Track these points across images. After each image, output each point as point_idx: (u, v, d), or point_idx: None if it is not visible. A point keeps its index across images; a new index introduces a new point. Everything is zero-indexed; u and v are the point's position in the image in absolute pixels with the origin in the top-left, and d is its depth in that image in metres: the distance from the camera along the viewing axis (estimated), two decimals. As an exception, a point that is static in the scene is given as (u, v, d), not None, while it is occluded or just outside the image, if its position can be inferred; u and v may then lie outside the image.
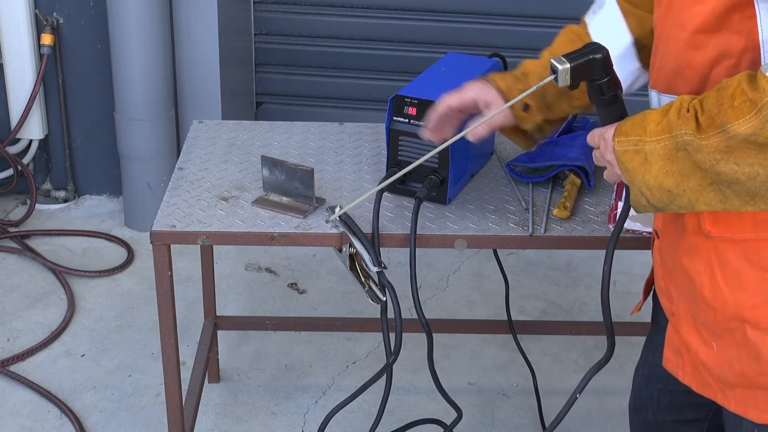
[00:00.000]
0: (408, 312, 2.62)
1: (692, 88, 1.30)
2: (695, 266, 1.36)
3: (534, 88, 1.45)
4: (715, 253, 1.32)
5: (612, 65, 1.38)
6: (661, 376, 1.47)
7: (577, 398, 1.65)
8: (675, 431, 1.71)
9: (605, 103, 1.40)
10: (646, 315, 1.79)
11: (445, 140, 1.67)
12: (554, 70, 1.38)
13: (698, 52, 1.28)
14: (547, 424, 2.56)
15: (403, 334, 1.84)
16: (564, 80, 1.38)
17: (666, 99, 1.35)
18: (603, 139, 1.35)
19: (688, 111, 1.22)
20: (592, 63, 1.36)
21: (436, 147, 1.67)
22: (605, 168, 1.39)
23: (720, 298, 1.33)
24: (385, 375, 1.89)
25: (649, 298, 1.71)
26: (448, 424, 2.13)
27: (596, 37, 1.57)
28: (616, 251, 1.57)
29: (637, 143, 1.27)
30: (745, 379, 1.35)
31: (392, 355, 1.84)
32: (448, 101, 1.67)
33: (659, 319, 1.65)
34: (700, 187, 1.23)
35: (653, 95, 1.40)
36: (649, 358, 1.72)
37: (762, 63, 1.21)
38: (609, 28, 1.58)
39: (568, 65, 1.36)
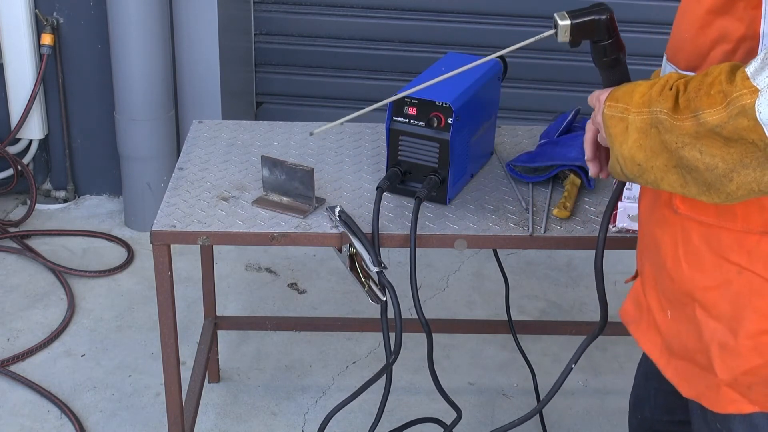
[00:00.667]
0: (408, 312, 2.62)
1: (689, 64, 1.30)
2: (663, 237, 1.38)
3: (532, 40, 1.42)
4: (682, 230, 1.34)
5: (616, 28, 1.37)
6: (658, 374, 1.48)
7: (572, 368, 1.67)
8: (669, 431, 1.71)
9: (606, 65, 1.40)
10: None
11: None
12: (555, 25, 1.36)
13: (702, 30, 1.27)
14: (547, 425, 2.56)
15: (403, 334, 1.84)
16: (564, 36, 1.36)
17: (669, 68, 1.36)
18: (598, 101, 1.36)
19: (671, 89, 1.21)
20: (595, 23, 1.35)
21: (433, 150, 1.66)
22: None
23: (679, 273, 1.35)
24: (385, 375, 1.89)
25: None
26: (448, 424, 2.13)
27: None
28: (616, 251, 1.57)
29: (623, 111, 1.27)
30: (686, 353, 1.38)
31: (392, 355, 1.84)
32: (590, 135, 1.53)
33: None
34: (665, 168, 1.23)
35: (663, 61, 1.40)
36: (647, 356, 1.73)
37: (759, 53, 1.21)
38: None
39: (569, 22, 1.35)
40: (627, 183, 1.87)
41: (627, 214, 1.80)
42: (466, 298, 3.17)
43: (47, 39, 3.41)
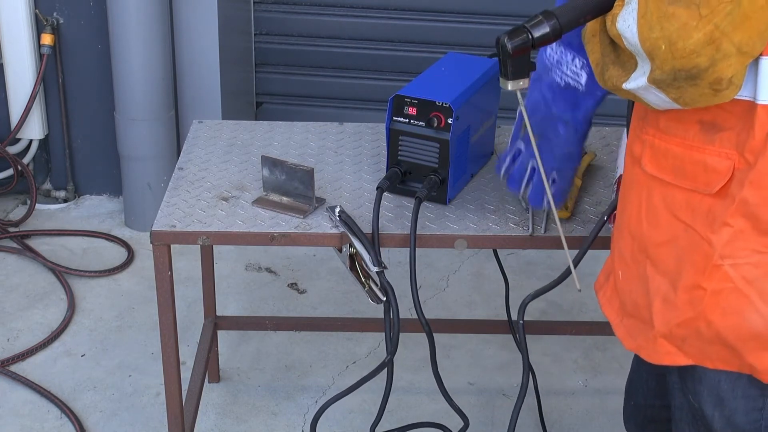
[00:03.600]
0: (408, 312, 2.62)
1: None
2: (631, 197, 1.45)
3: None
4: (647, 189, 1.40)
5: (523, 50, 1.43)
6: None
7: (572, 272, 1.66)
8: (662, 416, 1.72)
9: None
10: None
11: None
12: (503, 85, 1.45)
13: None
14: (547, 425, 2.56)
15: (404, 334, 1.84)
16: (517, 86, 1.45)
17: None
18: None
19: None
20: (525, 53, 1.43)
21: (433, 150, 1.66)
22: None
23: (639, 230, 1.42)
24: (387, 372, 1.89)
25: None
26: (452, 429, 2.10)
27: None
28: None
29: None
30: (634, 309, 1.45)
31: (388, 355, 1.84)
32: None
33: None
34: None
35: None
36: None
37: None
38: None
39: (509, 81, 1.44)
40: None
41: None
42: (466, 298, 3.17)
43: (47, 39, 3.41)
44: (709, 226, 1.30)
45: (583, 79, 1.62)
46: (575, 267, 1.65)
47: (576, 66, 1.63)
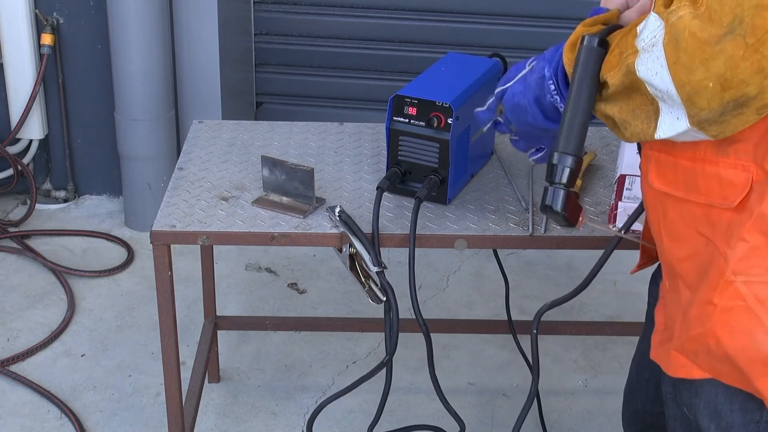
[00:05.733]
0: (408, 312, 2.62)
1: None
2: (649, 215, 1.42)
3: None
4: (661, 205, 1.37)
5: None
6: (649, 364, 1.50)
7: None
8: (661, 422, 1.72)
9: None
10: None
11: None
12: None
13: None
14: (547, 425, 2.56)
15: (404, 334, 1.84)
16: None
17: None
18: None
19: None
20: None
21: (433, 150, 1.64)
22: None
23: (662, 247, 1.39)
24: (386, 371, 1.89)
25: (646, 289, 1.72)
26: (450, 431, 2.11)
27: None
28: (616, 251, 1.57)
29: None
30: (669, 321, 1.42)
31: (387, 355, 1.84)
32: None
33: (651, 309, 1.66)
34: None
35: None
36: (641, 346, 1.74)
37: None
38: None
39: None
40: (626, 183, 1.87)
41: (627, 214, 1.80)
42: (466, 298, 3.17)
43: (47, 39, 3.41)
44: (727, 241, 1.25)
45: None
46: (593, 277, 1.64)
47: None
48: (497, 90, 1.65)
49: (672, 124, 1.23)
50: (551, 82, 1.47)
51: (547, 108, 1.50)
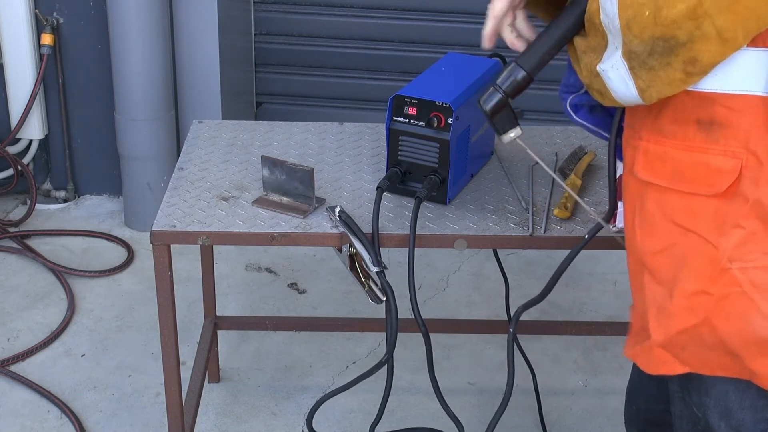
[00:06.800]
0: (409, 312, 2.62)
1: None
2: (626, 206, 1.43)
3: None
4: (640, 197, 1.37)
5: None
6: None
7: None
8: (664, 420, 1.72)
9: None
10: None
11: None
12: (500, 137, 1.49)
13: None
14: (547, 425, 2.56)
15: (405, 334, 1.84)
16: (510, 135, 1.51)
17: None
18: None
19: None
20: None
21: (433, 150, 1.65)
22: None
23: (632, 242, 1.40)
24: (386, 371, 1.89)
25: None
26: None
27: None
28: (616, 251, 1.57)
29: None
30: (636, 319, 1.43)
31: (386, 354, 1.84)
32: (497, 8, 1.65)
33: None
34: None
35: None
36: None
37: None
38: None
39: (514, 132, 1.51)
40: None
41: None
42: (466, 298, 3.17)
43: (47, 39, 3.41)
44: (717, 228, 1.26)
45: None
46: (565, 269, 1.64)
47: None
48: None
49: (611, 54, 1.28)
50: (569, 112, 1.57)
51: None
